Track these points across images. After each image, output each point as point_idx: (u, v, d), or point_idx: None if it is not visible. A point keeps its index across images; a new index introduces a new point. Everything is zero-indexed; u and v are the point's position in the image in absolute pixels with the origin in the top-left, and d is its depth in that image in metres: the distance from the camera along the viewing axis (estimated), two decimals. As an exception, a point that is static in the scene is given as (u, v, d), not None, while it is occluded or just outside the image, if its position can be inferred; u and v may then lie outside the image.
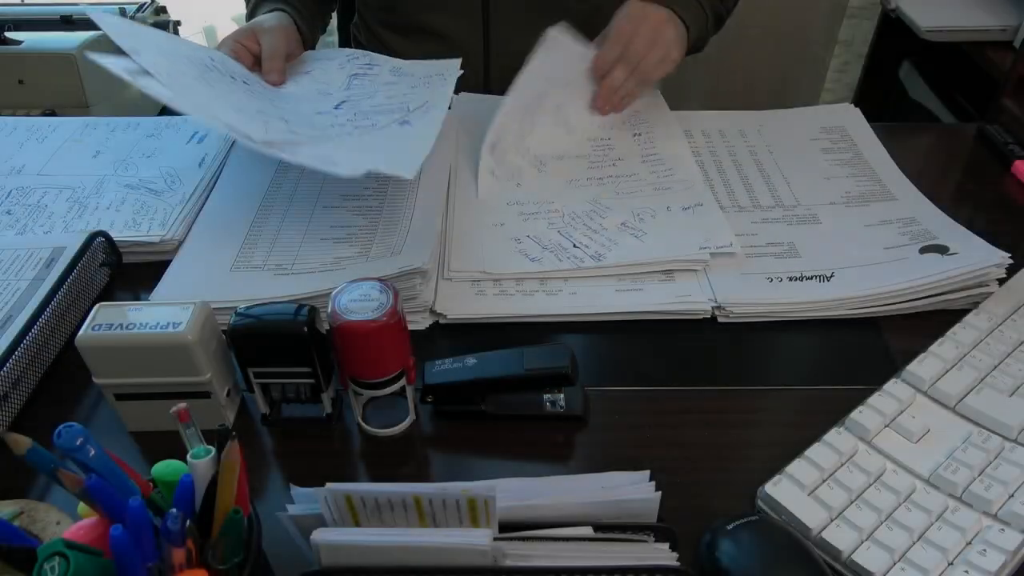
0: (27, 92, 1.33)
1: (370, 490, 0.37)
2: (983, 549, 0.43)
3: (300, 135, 0.70)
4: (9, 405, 0.53)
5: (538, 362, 0.50)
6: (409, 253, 0.63)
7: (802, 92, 1.90)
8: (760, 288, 0.62)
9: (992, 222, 0.71)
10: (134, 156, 0.80)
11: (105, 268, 0.65)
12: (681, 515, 0.44)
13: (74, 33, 1.36)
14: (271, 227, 0.69)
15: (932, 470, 0.48)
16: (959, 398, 0.52)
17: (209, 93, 0.70)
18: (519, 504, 0.39)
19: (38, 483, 0.49)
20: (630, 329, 0.61)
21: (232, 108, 0.69)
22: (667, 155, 0.77)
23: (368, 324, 0.46)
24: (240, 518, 0.35)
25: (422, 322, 0.60)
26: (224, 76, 0.75)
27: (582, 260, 0.64)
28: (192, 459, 0.37)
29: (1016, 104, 0.84)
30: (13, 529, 0.35)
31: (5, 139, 0.83)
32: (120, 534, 0.31)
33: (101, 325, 0.48)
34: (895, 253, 0.65)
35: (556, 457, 0.52)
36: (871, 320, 0.61)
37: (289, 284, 0.62)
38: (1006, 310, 0.59)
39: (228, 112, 0.67)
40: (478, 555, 0.36)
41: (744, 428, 0.53)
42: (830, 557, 0.44)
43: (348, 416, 0.54)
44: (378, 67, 0.86)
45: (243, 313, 0.48)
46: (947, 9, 1.34)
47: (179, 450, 0.37)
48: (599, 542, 0.39)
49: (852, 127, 0.84)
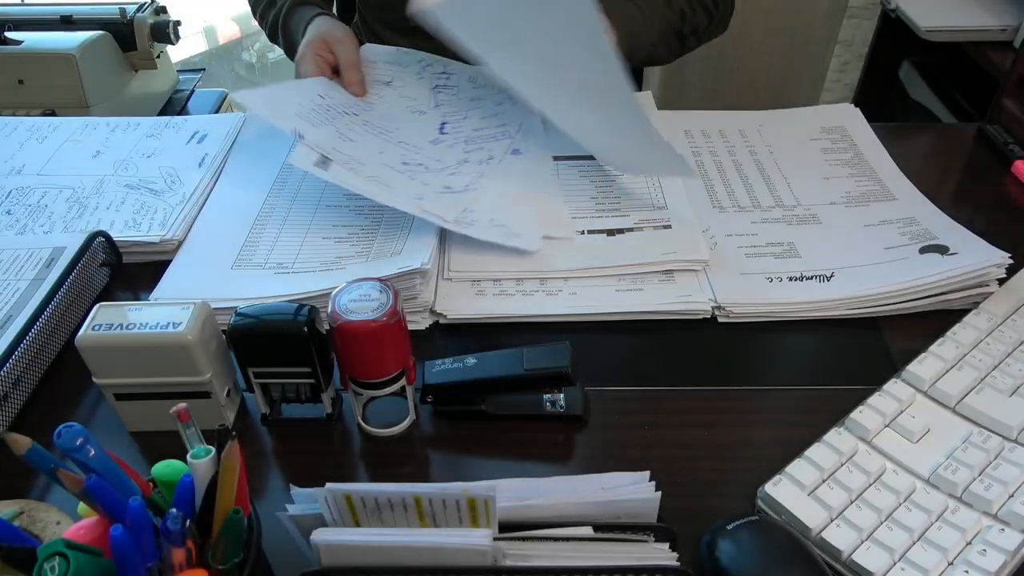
0: (27, 92, 1.33)
1: (370, 490, 0.37)
2: (983, 549, 0.43)
3: (442, 180, 0.71)
4: (9, 405, 0.53)
5: (538, 362, 0.50)
6: (409, 253, 0.63)
7: (802, 92, 1.90)
8: (760, 288, 0.62)
9: (992, 222, 0.71)
10: (134, 156, 0.80)
11: (105, 268, 0.65)
12: (681, 515, 0.44)
13: (74, 33, 1.35)
14: (272, 226, 0.69)
15: (932, 470, 0.48)
16: (959, 398, 0.52)
17: (365, 154, 0.71)
18: (519, 504, 0.39)
19: (38, 483, 0.49)
20: (630, 329, 0.61)
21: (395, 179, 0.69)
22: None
23: (368, 324, 0.46)
24: (240, 518, 0.35)
25: (422, 322, 0.60)
26: (345, 115, 0.76)
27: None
28: (192, 459, 0.37)
29: (1016, 104, 0.84)
30: (13, 529, 0.35)
31: (5, 139, 0.83)
32: (120, 534, 0.31)
33: (101, 325, 0.48)
34: (895, 253, 0.65)
35: (556, 457, 0.52)
36: (871, 320, 0.61)
37: (289, 284, 0.62)
38: (1006, 310, 0.59)
39: (406, 198, 0.67)
40: (478, 555, 0.36)
41: (744, 428, 0.53)
42: (830, 557, 0.44)
43: (348, 416, 0.54)
44: (455, 75, 0.86)
45: (243, 313, 0.48)
46: (947, 9, 1.34)
47: (179, 450, 0.37)
48: (599, 542, 0.39)
49: (852, 127, 0.84)
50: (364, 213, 0.70)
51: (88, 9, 1.44)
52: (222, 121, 0.85)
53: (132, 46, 1.43)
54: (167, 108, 1.55)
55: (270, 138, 0.81)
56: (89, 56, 1.33)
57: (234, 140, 0.81)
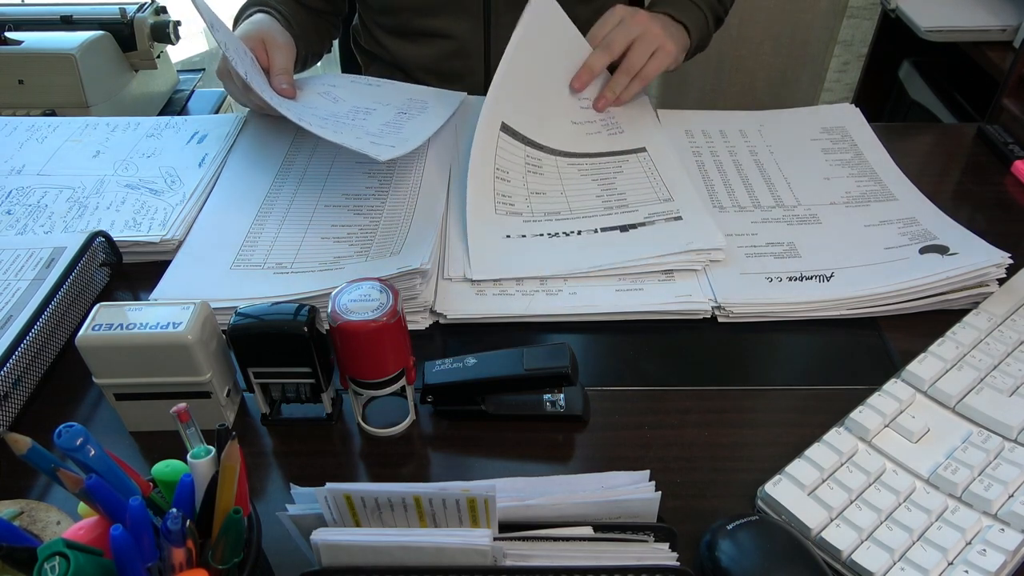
0: (27, 92, 1.33)
1: (370, 490, 0.37)
2: (983, 549, 0.43)
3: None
4: (9, 405, 0.53)
5: (538, 362, 0.50)
6: (409, 253, 0.63)
7: (802, 92, 1.90)
8: (760, 288, 0.62)
9: (992, 222, 0.71)
10: (134, 156, 0.80)
11: (105, 268, 0.65)
12: (681, 515, 0.44)
13: (74, 33, 1.36)
14: (271, 226, 0.69)
15: (932, 470, 0.48)
16: (959, 398, 0.52)
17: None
18: (519, 504, 0.39)
19: (38, 483, 0.49)
20: (630, 329, 0.61)
21: None
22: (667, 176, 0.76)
23: (368, 324, 0.46)
24: (240, 518, 0.35)
25: (422, 322, 0.60)
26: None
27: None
28: (192, 459, 0.37)
29: (1016, 104, 0.84)
30: (13, 529, 0.35)
31: (5, 139, 0.83)
32: (120, 534, 0.31)
33: (101, 325, 0.48)
34: (895, 253, 0.65)
35: (556, 457, 0.52)
36: (871, 320, 0.61)
37: (289, 283, 0.62)
38: (1006, 310, 0.59)
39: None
40: (478, 555, 0.36)
41: (744, 428, 0.53)
42: (830, 557, 0.44)
43: (348, 416, 0.54)
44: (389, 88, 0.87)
45: (243, 313, 0.48)
46: (947, 9, 1.34)
47: (179, 450, 0.37)
48: (599, 542, 0.39)
49: (852, 127, 0.84)
50: (363, 213, 0.70)
51: (88, 9, 1.44)
52: (222, 121, 0.85)
53: (132, 46, 1.43)
54: (167, 108, 1.55)
55: (270, 138, 0.81)
56: (89, 56, 1.33)
57: (234, 140, 0.81)
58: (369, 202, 0.71)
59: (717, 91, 1.86)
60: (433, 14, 0.91)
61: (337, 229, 0.68)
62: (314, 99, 0.82)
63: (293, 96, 0.79)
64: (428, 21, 0.91)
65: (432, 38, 0.92)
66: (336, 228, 0.68)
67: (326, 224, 0.69)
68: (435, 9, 0.90)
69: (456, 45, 0.92)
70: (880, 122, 0.85)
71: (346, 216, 0.70)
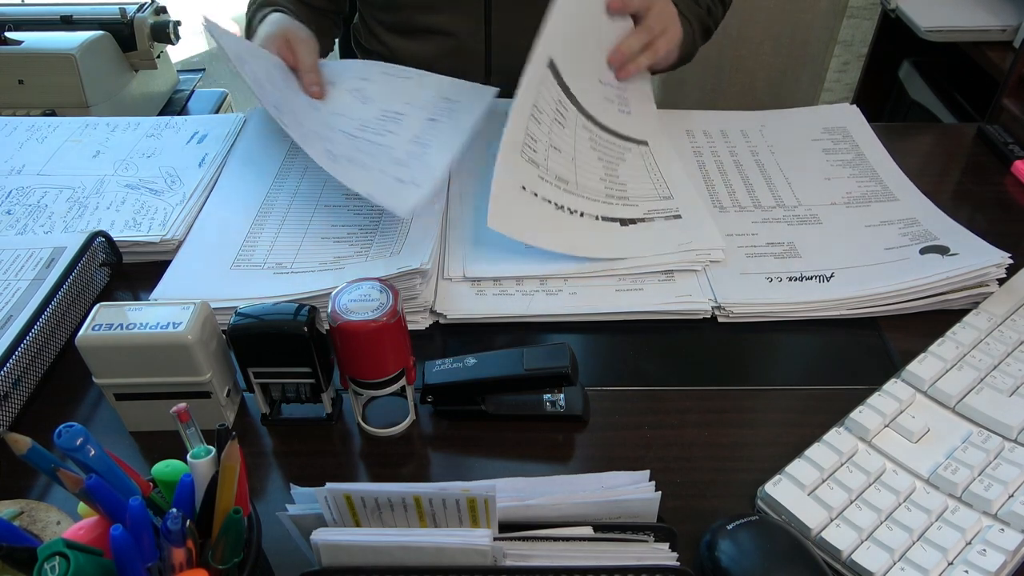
0: (27, 92, 1.33)
1: (370, 490, 0.37)
2: (983, 549, 0.43)
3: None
4: (9, 405, 0.53)
5: (538, 362, 0.50)
6: (409, 253, 0.63)
7: (802, 92, 1.90)
8: (760, 288, 0.62)
9: (992, 222, 0.71)
10: (134, 156, 0.80)
11: (105, 268, 0.65)
12: (681, 515, 0.44)
13: (74, 33, 1.36)
14: (271, 226, 0.69)
15: (932, 470, 0.48)
16: (959, 398, 0.52)
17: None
18: (519, 504, 0.39)
19: (38, 483, 0.49)
20: (630, 329, 0.61)
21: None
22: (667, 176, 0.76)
23: (368, 324, 0.46)
24: (240, 518, 0.35)
25: (422, 322, 0.60)
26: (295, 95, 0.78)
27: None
28: (192, 459, 0.37)
29: (1016, 104, 0.84)
30: (13, 529, 0.35)
31: (5, 139, 0.83)
32: (120, 534, 0.31)
33: (101, 325, 0.48)
34: (896, 254, 0.65)
35: (556, 457, 0.52)
36: (871, 320, 0.61)
37: (289, 283, 0.62)
38: (1006, 310, 0.59)
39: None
40: (478, 555, 0.36)
41: (744, 428, 0.53)
42: (830, 557, 0.44)
43: (348, 416, 0.54)
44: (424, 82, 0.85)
45: (243, 313, 0.48)
46: (947, 9, 1.34)
47: (179, 450, 0.37)
48: (599, 542, 0.39)
49: (853, 127, 0.84)
50: (363, 213, 0.70)
51: (88, 9, 1.44)
52: (222, 121, 0.85)
53: (132, 46, 1.43)
54: (167, 108, 1.55)
55: (270, 138, 0.81)
56: (89, 56, 1.33)
57: (234, 140, 0.81)
58: (369, 202, 0.71)
59: (717, 91, 1.86)
60: (434, 11, 0.91)
61: (337, 229, 0.68)
62: (344, 99, 0.81)
63: (322, 97, 0.80)
64: (429, 18, 0.91)
65: (433, 35, 0.92)
66: (336, 228, 0.68)
67: (326, 224, 0.69)
68: (436, 6, 0.90)
69: (456, 42, 0.92)
70: (880, 122, 0.85)
71: (346, 216, 0.70)
